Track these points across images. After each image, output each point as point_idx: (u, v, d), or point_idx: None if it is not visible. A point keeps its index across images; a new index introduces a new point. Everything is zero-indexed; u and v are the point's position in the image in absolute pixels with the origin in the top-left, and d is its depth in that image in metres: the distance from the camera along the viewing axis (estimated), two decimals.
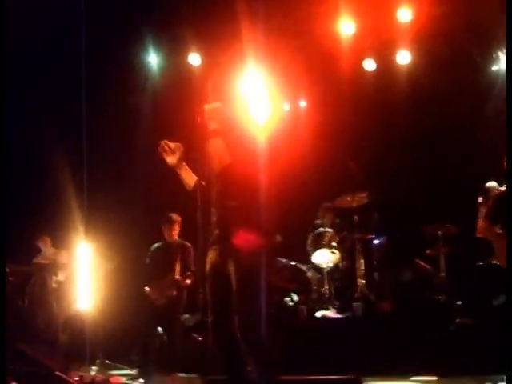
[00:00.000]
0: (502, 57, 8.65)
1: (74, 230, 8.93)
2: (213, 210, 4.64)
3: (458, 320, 7.18)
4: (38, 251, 9.37)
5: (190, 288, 7.52)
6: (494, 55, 8.38)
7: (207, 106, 4.60)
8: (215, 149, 4.50)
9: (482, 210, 6.44)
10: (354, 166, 9.08)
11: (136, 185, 9.50)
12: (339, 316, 7.95)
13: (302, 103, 10.30)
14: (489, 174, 6.84)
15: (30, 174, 9.55)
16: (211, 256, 4.61)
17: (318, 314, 8.02)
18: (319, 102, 9.91)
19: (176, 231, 7.83)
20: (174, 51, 9.90)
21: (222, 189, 4.57)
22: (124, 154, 9.69)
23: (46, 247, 9.34)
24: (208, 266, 4.61)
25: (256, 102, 5.05)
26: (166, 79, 9.98)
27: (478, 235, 6.38)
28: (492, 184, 7.47)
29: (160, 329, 7.38)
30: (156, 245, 7.76)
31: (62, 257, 9.20)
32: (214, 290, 4.57)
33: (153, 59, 10.04)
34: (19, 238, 8.91)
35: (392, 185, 9.22)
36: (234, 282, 4.41)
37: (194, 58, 9.66)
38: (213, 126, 4.54)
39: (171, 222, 7.71)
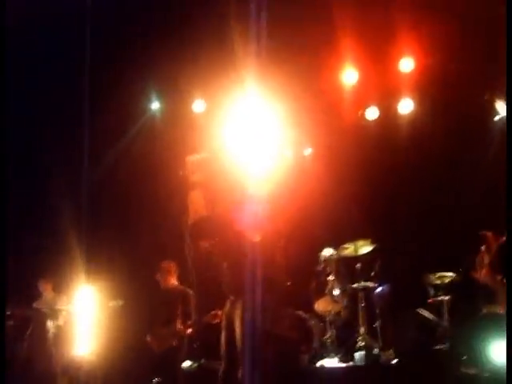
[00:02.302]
0: (502, 106, 8.68)
1: (75, 274, 8.90)
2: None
3: (462, 369, 7.09)
4: (39, 295, 9.33)
5: (190, 336, 7.47)
6: (495, 104, 8.41)
7: (189, 158, 4.60)
8: (192, 201, 4.50)
9: (485, 259, 6.42)
10: (357, 214, 9.08)
11: (138, 228, 9.50)
12: (341, 365, 7.86)
13: (307, 151, 10.33)
14: (494, 222, 6.81)
15: (32, 216, 9.56)
16: (227, 307, 4.64)
17: (320, 362, 7.93)
18: (323, 149, 9.94)
19: (173, 278, 7.82)
20: (176, 98, 9.97)
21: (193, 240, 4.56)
22: (127, 197, 9.71)
23: (47, 292, 9.31)
24: (224, 317, 4.63)
25: (259, 149, 5.05)
26: (170, 126, 10.03)
27: (481, 282, 6.35)
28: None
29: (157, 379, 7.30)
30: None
31: (62, 302, 9.16)
32: (226, 337, 4.58)
33: (155, 106, 10.09)
34: (19, 280, 8.88)
35: (395, 233, 9.20)
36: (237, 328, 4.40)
37: (199, 105, 9.73)
38: (194, 177, 4.53)
39: (165, 271, 7.71)
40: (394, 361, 7.70)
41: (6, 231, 6.32)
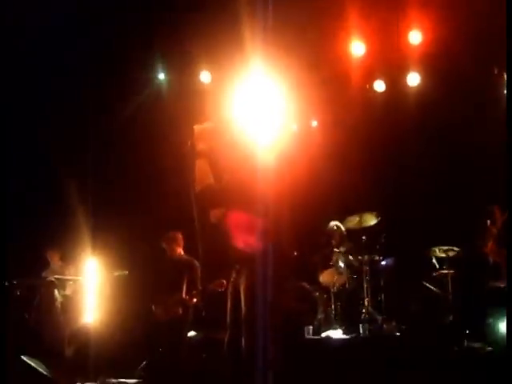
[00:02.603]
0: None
1: (82, 245, 8.96)
2: None
3: (465, 343, 7.15)
4: (46, 265, 9.40)
5: (195, 306, 7.52)
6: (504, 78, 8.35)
7: (196, 127, 4.60)
8: (198, 170, 4.51)
9: (491, 233, 6.44)
10: (363, 186, 9.09)
11: (145, 199, 9.53)
12: (345, 336, 7.91)
13: (313, 123, 10.31)
14: (499, 196, 6.82)
15: (39, 189, 9.59)
16: (233, 276, 4.66)
17: (324, 333, 7.99)
18: (329, 122, 9.93)
19: (180, 248, 7.85)
20: (183, 69, 9.93)
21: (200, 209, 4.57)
22: (133, 168, 9.73)
23: (54, 261, 9.37)
24: (230, 286, 4.66)
25: (264, 120, 5.05)
26: (176, 96, 10.00)
27: (487, 255, 6.37)
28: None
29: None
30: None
31: (70, 271, 9.23)
32: (231, 307, 4.61)
33: (162, 77, 10.06)
34: (27, 251, 8.95)
35: (401, 206, 9.21)
36: (242, 297, 4.43)
37: (205, 76, 9.69)
38: (200, 146, 4.53)
39: (172, 240, 7.74)
40: (397, 333, 7.76)
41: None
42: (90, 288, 8.75)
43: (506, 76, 5.02)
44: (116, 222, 9.17)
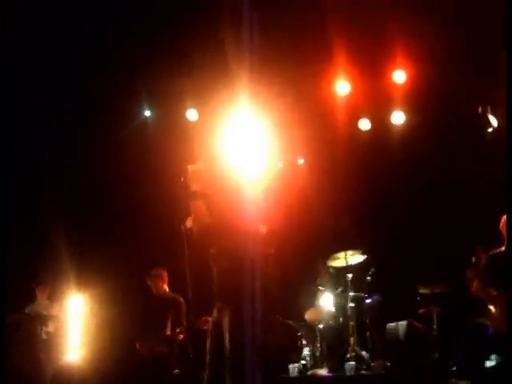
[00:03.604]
0: (493, 119, 8.71)
1: (66, 282, 8.90)
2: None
3: (452, 381, 7.12)
4: (29, 300, 9.31)
5: (181, 343, 7.46)
6: (488, 116, 8.45)
7: (190, 167, 4.63)
8: (195, 211, 4.54)
9: (476, 272, 6.46)
10: (349, 224, 9.11)
11: (130, 236, 9.51)
12: (331, 375, 7.86)
13: (300, 160, 10.36)
14: (485, 234, 6.87)
15: (25, 224, 9.55)
16: (214, 313, 4.65)
17: (309, 372, 7.94)
18: (315, 159, 9.98)
19: (164, 285, 7.82)
20: (170, 106, 9.96)
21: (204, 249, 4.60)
22: (119, 205, 9.72)
23: (42, 298, 9.28)
24: (210, 324, 4.64)
25: (251, 158, 5.08)
26: (162, 134, 10.01)
27: (473, 295, 6.39)
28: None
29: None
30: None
31: (54, 309, 9.15)
32: (212, 346, 4.58)
33: (148, 114, 10.08)
34: (10, 286, 8.87)
35: (387, 244, 9.23)
36: (226, 335, 4.41)
37: (192, 114, 9.73)
38: (194, 187, 4.57)
39: (157, 277, 7.71)
40: (384, 371, 7.72)
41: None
42: (74, 325, 8.67)
43: (505, 77, 5.07)
44: (101, 259, 9.13)
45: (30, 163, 9.42)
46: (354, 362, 7.85)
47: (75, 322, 8.69)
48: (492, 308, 6.45)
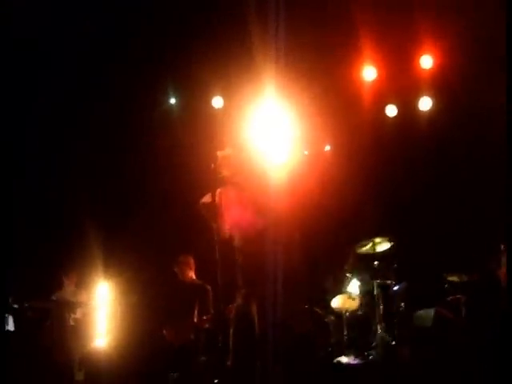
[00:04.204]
0: None
1: (94, 270, 8.96)
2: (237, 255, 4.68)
3: (479, 368, 7.06)
4: (59, 287, 9.40)
5: (208, 331, 7.48)
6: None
7: (220, 153, 4.64)
8: (227, 198, 4.55)
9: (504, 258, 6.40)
10: (376, 211, 9.08)
11: (159, 223, 9.55)
12: (357, 362, 7.85)
13: (327, 147, 10.31)
14: None
15: (52, 212, 9.63)
16: (238, 300, 4.64)
17: (336, 359, 7.93)
18: (342, 146, 9.94)
19: (191, 272, 7.84)
20: (195, 94, 9.96)
21: (239, 237, 4.60)
22: (144, 194, 9.76)
23: (70, 285, 9.36)
24: (234, 311, 4.64)
25: (276, 145, 5.08)
26: (187, 121, 10.01)
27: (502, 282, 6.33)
28: None
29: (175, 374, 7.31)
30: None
31: (81, 295, 9.22)
32: (237, 334, 4.59)
33: (174, 102, 10.09)
34: (39, 273, 8.97)
35: (414, 231, 9.18)
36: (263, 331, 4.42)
37: (217, 101, 9.72)
38: (224, 173, 4.58)
39: (184, 264, 7.73)
40: (411, 358, 7.69)
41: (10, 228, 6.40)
42: (101, 312, 8.73)
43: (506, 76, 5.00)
44: (129, 247, 9.17)
45: (56, 150, 9.48)
46: (380, 349, 7.84)
47: (102, 308, 8.74)
48: None
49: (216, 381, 7.17)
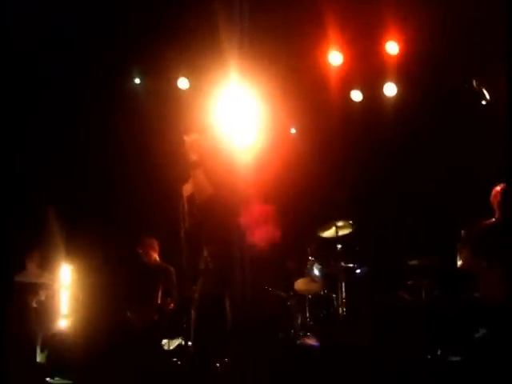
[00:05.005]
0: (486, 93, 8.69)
1: (56, 251, 8.89)
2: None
3: (440, 353, 7.17)
4: (21, 269, 9.30)
5: (171, 312, 7.49)
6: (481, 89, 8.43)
7: (187, 138, 4.64)
8: (196, 181, 4.55)
9: (466, 244, 6.49)
10: (340, 195, 9.14)
11: (119, 205, 9.50)
12: (320, 344, 7.92)
13: (292, 130, 10.33)
14: (475, 206, 6.90)
15: (16, 194, 9.51)
16: (202, 284, 4.65)
17: (299, 341, 8.00)
18: (307, 129, 9.97)
19: (155, 254, 7.83)
20: (160, 75, 9.88)
21: (206, 221, 4.61)
22: (107, 175, 9.69)
23: (32, 267, 9.26)
24: (197, 294, 4.65)
25: (241, 128, 5.09)
26: (153, 102, 9.93)
27: (462, 267, 6.42)
28: None
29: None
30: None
31: (44, 277, 9.14)
32: (201, 317, 4.60)
33: (138, 83, 9.99)
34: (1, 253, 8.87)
35: (376, 215, 9.26)
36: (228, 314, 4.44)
37: (183, 82, 9.65)
38: (193, 157, 4.58)
39: (147, 246, 7.72)
40: (371, 342, 7.78)
41: None
42: (65, 294, 8.68)
43: (506, 78, 5.07)
44: (91, 228, 9.11)
45: (19, 133, 9.35)
46: (342, 331, 7.92)
47: (65, 290, 8.70)
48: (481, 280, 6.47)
49: (179, 362, 7.22)
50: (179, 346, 7.62)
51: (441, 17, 8.14)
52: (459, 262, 6.63)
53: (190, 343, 4.75)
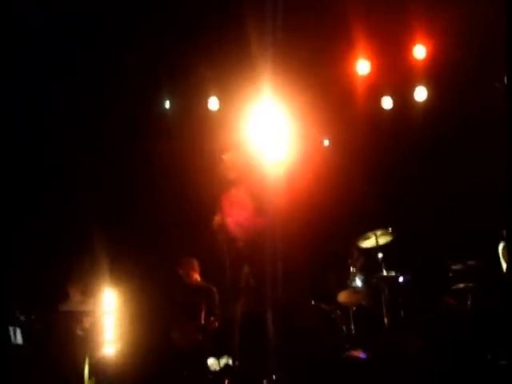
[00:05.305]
0: None
1: (99, 277, 8.95)
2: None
3: (488, 357, 7.06)
4: (65, 298, 9.38)
5: (215, 332, 7.49)
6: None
7: (225, 157, 4.67)
8: (238, 200, 4.57)
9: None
10: (377, 204, 9.09)
11: (161, 229, 9.54)
12: (365, 355, 7.85)
13: (325, 142, 10.30)
14: None
15: (57, 223, 9.62)
16: (243, 302, 4.67)
17: (345, 354, 7.93)
18: (340, 140, 9.94)
19: (196, 274, 7.85)
20: (191, 96, 9.93)
21: (247, 239, 4.63)
22: (145, 199, 9.75)
23: (75, 295, 9.34)
24: (239, 312, 4.66)
25: (273, 143, 5.09)
26: (183, 124, 9.96)
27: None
28: None
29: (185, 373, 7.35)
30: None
31: (88, 304, 9.20)
32: (244, 335, 4.62)
33: (170, 106, 10.04)
34: (45, 284, 8.97)
35: (416, 221, 9.18)
36: (270, 329, 4.44)
37: (213, 102, 9.67)
38: (231, 175, 4.60)
39: (187, 266, 7.75)
40: (419, 350, 7.68)
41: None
42: (109, 320, 8.72)
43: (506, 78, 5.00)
44: (133, 252, 9.17)
45: (57, 161, 9.47)
46: (387, 342, 7.84)
47: (109, 316, 8.74)
48: None
49: (226, 381, 7.21)
50: (226, 365, 7.61)
51: (466, 17, 8.09)
52: (504, 265, 6.53)
53: (236, 362, 4.72)
